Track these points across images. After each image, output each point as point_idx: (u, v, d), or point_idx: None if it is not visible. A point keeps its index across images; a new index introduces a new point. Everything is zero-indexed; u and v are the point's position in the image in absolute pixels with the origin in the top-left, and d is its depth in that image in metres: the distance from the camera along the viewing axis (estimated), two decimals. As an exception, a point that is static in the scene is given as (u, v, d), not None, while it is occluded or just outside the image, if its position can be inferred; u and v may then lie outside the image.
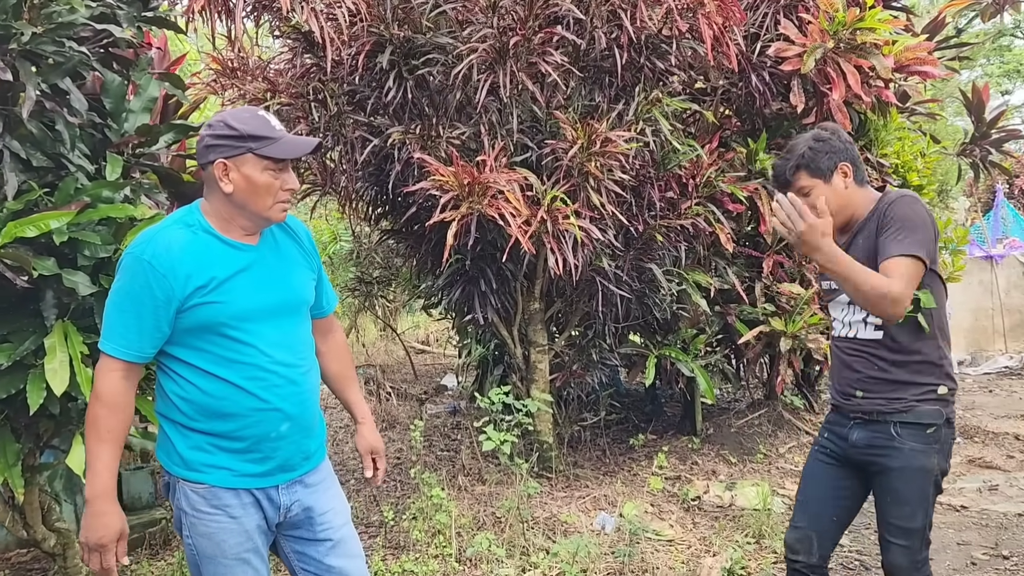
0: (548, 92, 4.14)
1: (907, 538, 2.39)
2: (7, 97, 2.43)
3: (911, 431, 2.36)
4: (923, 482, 2.37)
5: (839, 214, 2.40)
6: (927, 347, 2.38)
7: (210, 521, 2.02)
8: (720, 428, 5.85)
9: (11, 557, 4.21)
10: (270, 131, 1.97)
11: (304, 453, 2.14)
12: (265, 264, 2.07)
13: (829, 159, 2.39)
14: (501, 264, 4.46)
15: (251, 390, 1.99)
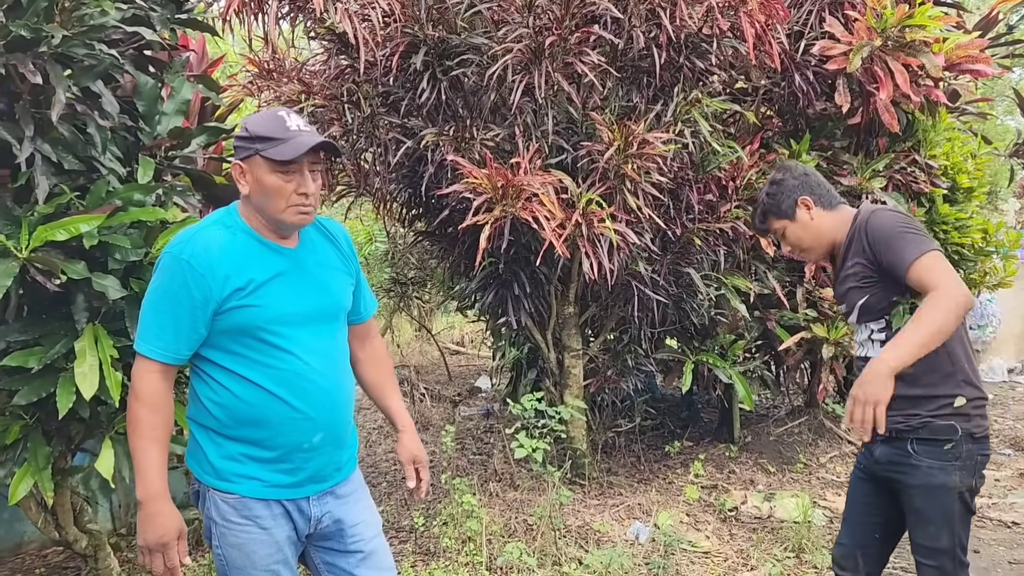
0: (584, 93, 4.06)
1: (935, 558, 2.33)
2: (39, 100, 2.42)
3: (927, 447, 2.31)
4: (945, 500, 2.31)
5: (818, 244, 2.53)
6: (935, 356, 2.28)
7: (240, 532, 1.99)
8: (759, 436, 5.72)
9: (48, 555, 4.25)
10: (281, 132, 1.90)
11: (336, 464, 2.10)
12: (303, 269, 2.04)
13: (788, 198, 2.51)
14: (535, 267, 4.39)
15: (285, 397, 1.96)
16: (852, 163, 5.04)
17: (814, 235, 2.51)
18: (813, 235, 2.51)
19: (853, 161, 5.05)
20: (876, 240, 2.31)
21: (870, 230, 2.34)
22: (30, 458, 2.64)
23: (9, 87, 2.37)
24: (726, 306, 4.99)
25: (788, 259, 5.24)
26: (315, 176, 1.97)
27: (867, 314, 2.43)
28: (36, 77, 2.21)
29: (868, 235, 2.34)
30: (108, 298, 2.57)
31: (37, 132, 2.41)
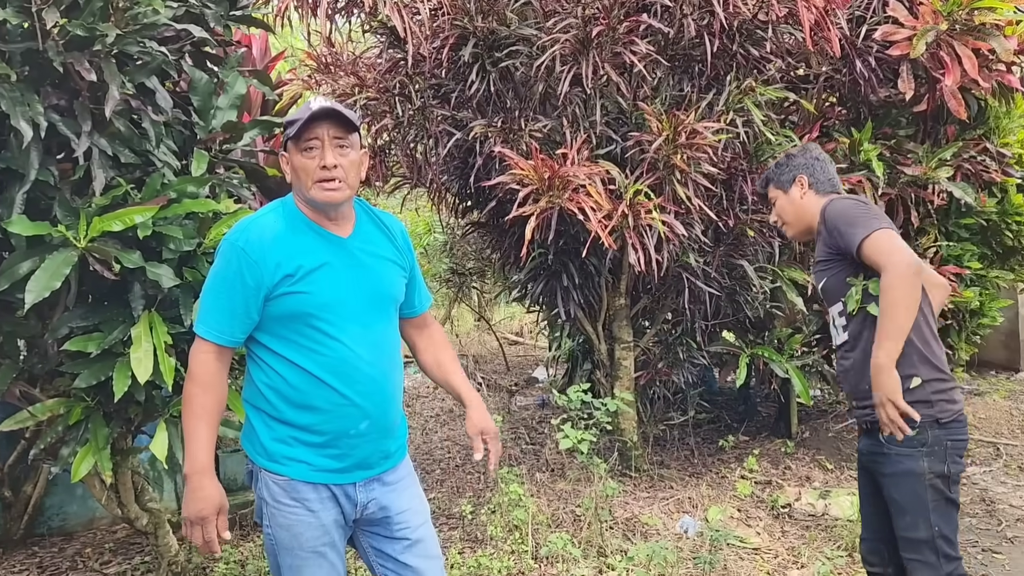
0: (634, 83, 4.03)
1: (917, 551, 2.33)
2: (96, 97, 2.53)
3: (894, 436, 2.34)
4: (914, 487, 2.32)
5: (798, 221, 2.67)
6: None
7: (289, 513, 2.04)
8: (817, 432, 5.60)
9: (117, 531, 4.46)
10: (302, 114, 1.96)
11: (383, 453, 2.13)
12: (354, 257, 2.07)
13: (789, 172, 2.69)
14: (584, 259, 4.38)
15: (332, 384, 2.00)
16: (917, 152, 4.87)
17: (797, 212, 2.66)
18: (796, 212, 2.66)
19: (918, 150, 4.88)
20: (831, 224, 2.43)
21: (827, 215, 2.47)
22: (91, 438, 2.77)
23: (68, 84, 2.49)
24: (783, 299, 4.90)
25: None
26: (343, 152, 2.00)
27: (828, 298, 2.55)
28: (91, 74, 2.32)
29: (826, 220, 2.47)
30: (162, 287, 2.67)
31: (95, 127, 2.52)
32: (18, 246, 2.48)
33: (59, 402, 2.76)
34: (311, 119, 1.95)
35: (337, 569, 2.10)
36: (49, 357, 2.78)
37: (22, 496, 4.27)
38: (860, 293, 2.38)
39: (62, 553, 4.17)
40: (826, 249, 2.50)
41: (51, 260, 2.41)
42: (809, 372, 5.31)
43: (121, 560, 4.04)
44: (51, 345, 2.73)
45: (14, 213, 2.42)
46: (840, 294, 2.46)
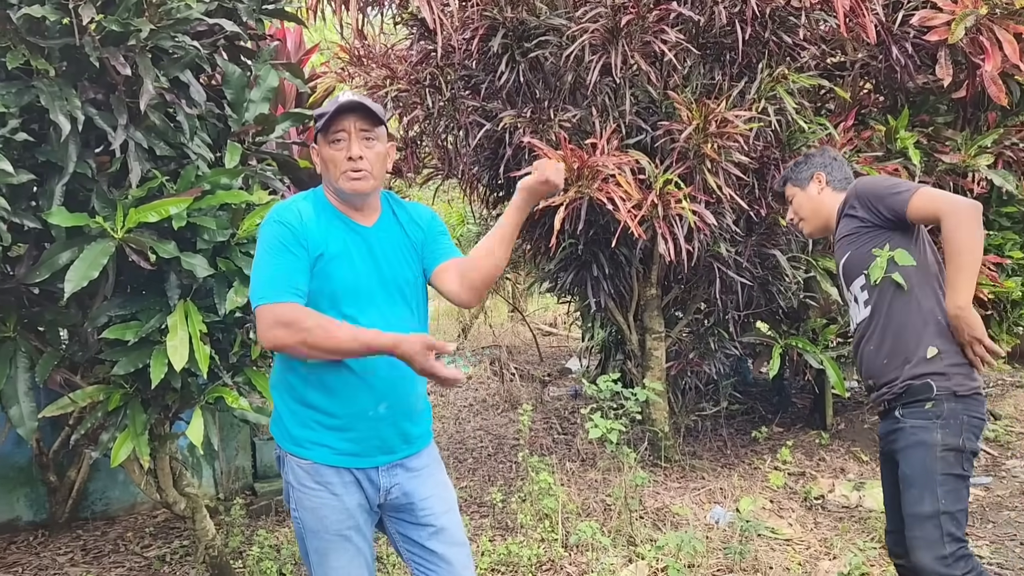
0: (664, 72, 4.01)
1: (920, 527, 2.29)
2: (132, 91, 2.59)
3: (911, 409, 2.38)
4: (924, 457, 2.31)
5: (815, 216, 2.76)
6: (910, 309, 2.42)
7: (314, 496, 2.09)
8: (852, 423, 5.54)
9: (158, 515, 4.58)
10: (331, 107, 2.02)
11: (404, 436, 2.16)
12: (374, 246, 2.12)
13: (808, 170, 2.77)
14: (614, 249, 4.38)
15: (353, 368, 2.04)
16: (956, 139, 4.77)
17: (815, 207, 2.74)
18: (814, 207, 2.74)
19: (957, 137, 4.78)
20: (869, 194, 2.48)
21: (859, 189, 2.53)
22: (129, 424, 2.84)
23: (105, 79, 2.55)
24: (817, 289, 4.85)
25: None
26: (369, 144, 2.05)
27: (849, 274, 2.56)
28: (126, 69, 2.38)
29: (859, 194, 2.51)
30: (196, 276, 2.73)
31: (131, 120, 2.58)
32: (58, 237, 2.55)
33: (99, 389, 2.84)
34: (338, 111, 2.01)
35: (363, 552, 2.14)
36: (89, 345, 2.86)
37: (66, 481, 4.40)
38: (886, 262, 2.42)
39: (105, 536, 4.29)
40: (856, 223, 2.52)
41: (89, 250, 2.48)
42: (844, 363, 5.25)
43: (161, 544, 4.14)
44: (91, 333, 2.81)
45: (54, 205, 2.49)
46: (864, 266, 2.49)
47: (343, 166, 2.03)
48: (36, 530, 4.34)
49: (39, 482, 4.37)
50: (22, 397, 2.69)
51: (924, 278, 2.44)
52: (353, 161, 2.02)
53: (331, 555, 2.10)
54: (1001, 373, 6.87)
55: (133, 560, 3.95)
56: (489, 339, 9.89)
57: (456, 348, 2.05)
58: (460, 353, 9.38)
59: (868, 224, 2.48)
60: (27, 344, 2.75)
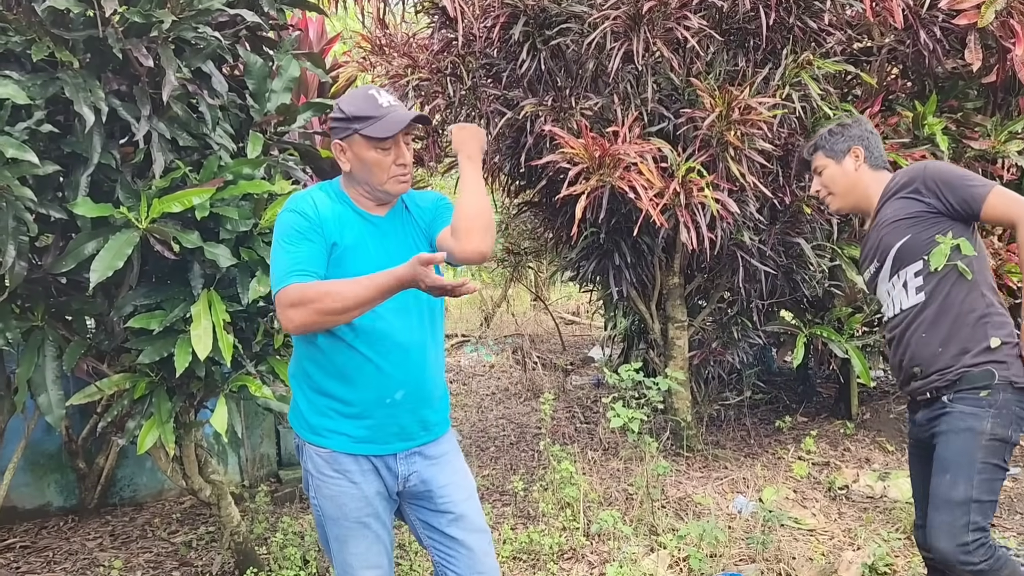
0: (687, 58, 3.97)
1: (948, 512, 2.25)
2: (155, 82, 2.61)
3: (963, 395, 2.32)
4: (969, 444, 2.25)
5: (848, 193, 2.61)
6: (971, 298, 2.36)
7: (332, 484, 2.11)
8: (878, 413, 5.48)
9: (184, 502, 4.64)
10: (375, 111, 2.02)
11: (422, 423, 2.17)
12: (389, 235, 2.14)
13: (844, 142, 2.60)
14: (637, 238, 4.36)
15: (365, 352, 2.05)
16: (985, 125, 4.69)
17: (849, 184, 2.59)
18: (848, 183, 2.59)
19: (987, 123, 4.70)
20: (939, 181, 2.37)
21: (931, 172, 2.40)
22: (155, 412, 2.88)
23: (128, 70, 2.57)
24: (842, 277, 4.80)
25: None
26: (409, 147, 2.11)
27: (903, 258, 2.44)
28: (149, 60, 2.39)
29: (929, 177, 2.40)
30: (220, 266, 2.75)
31: (154, 111, 2.60)
32: (83, 227, 2.58)
33: (125, 377, 2.88)
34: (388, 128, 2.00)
35: (382, 539, 2.16)
36: (115, 334, 2.90)
37: (95, 468, 4.48)
38: (949, 250, 2.34)
39: (133, 522, 4.36)
40: (919, 207, 2.40)
41: (114, 240, 2.51)
42: (870, 352, 5.20)
43: (187, 530, 4.20)
44: (116, 322, 2.84)
45: (79, 195, 2.51)
46: (923, 251, 2.39)
47: (393, 171, 2.07)
48: (66, 515, 4.42)
49: (69, 469, 4.44)
50: (50, 385, 2.73)
51: (983, 269, 2.39)
52: (402, 166, 2.08)
53: (350, 542, 2.12)
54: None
55: (160, 545, 4.02)
56: (512, 328, 9.90)
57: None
58: (482, 341, 9.40)
59: (933, 211, 2.38)
60: (55, 333, 2.79)
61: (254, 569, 3.44)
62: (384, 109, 2.03)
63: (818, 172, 2.68)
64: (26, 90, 2.36)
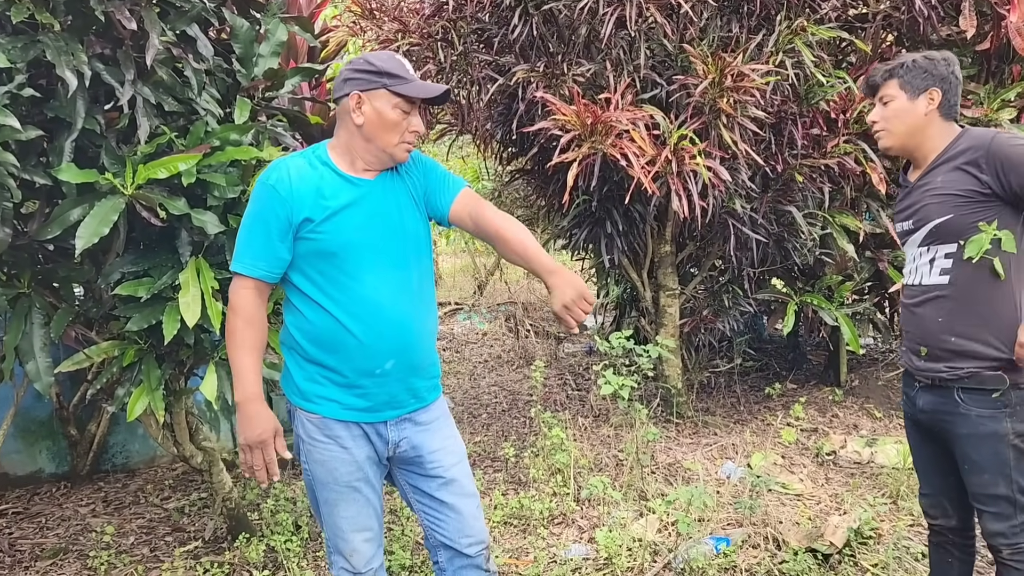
0: (680, 24, 3.93)
1: (995, 504, 2.23)
2: (139, 46, 2.57)
3: (974, 396, 2.20)
4: (996, 448, 2.20)
5: (907, 135, 2.31)
6: (997, 297, 2.18)
7: (323, 449, 2.12)
8: (867, 380, 5.52)
9: (176, 468, 4.66)
10: (405, 72, 2.04)
11: (412, 391, 2.17)
12: (376, 201, 2.09)
13: (924, 80, 2.29)
14: (629, 205, 4.34)
15: (350, 326, 2.04)
16: (979, 93, 4.67)
17: (912, 125, 2.31)
18: (910, 124, 2.31)
19: (980, 91, 4.67)
20: (1004, 160, 2.13)
21: (996, 146, 2.15)
22: (144, 379, 2.88)
23: (111, 33, 2.53)
24: (833, 246, 4.80)
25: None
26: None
27: (939, 236, 2.26)
28: (132, 23, 2.36)
29: (993, 153, 2.15)
30: (208, 233, 2.73)
31: (138, 76, 2.57)
32: (68, 193, 2.56)
33: (113, 344, 2.88)
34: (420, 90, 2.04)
35: (372, 503, 2.18)
36: (103, 301, 2.89)
37: (87, 435, 4.49)
38: (989, 242, 2.17)
39: (125, 488, 4.38)
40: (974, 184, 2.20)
41: (100, 207, 2.49)
42: (860, 320, 5.22)
43: (180, 496, 4.23)
44: (104, 290, 2.83)
45: (63, 161, 2.49)
46: (960, 235, 2.22)
47: (406, 136, 2.07)
48: (58, 482, 4.44)
49: (60, 436, 4.46)
50: (38, 352, 2.73)
51: (1019, 269, 2.21)
52: (414, 134, 2.07)
53: (340, 505, 2.14)
54: None
55: (153, 511, 4.04)
56: (505, 296, 9.91)
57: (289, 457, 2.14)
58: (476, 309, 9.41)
59: (987, 191, 2.17)
60: (42, 300, 2.78)
61: (246, 534, 3.46)
62: (411, 75, 2.06)
63: (883, 102, 2.36)
64: (6, 53, 2.32)
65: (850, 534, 3.29)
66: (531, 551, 3.35)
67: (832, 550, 3.21)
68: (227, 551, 3.47)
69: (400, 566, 3.18)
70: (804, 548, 3.22)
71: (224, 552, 3.47)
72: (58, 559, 3.54)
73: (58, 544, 3.69)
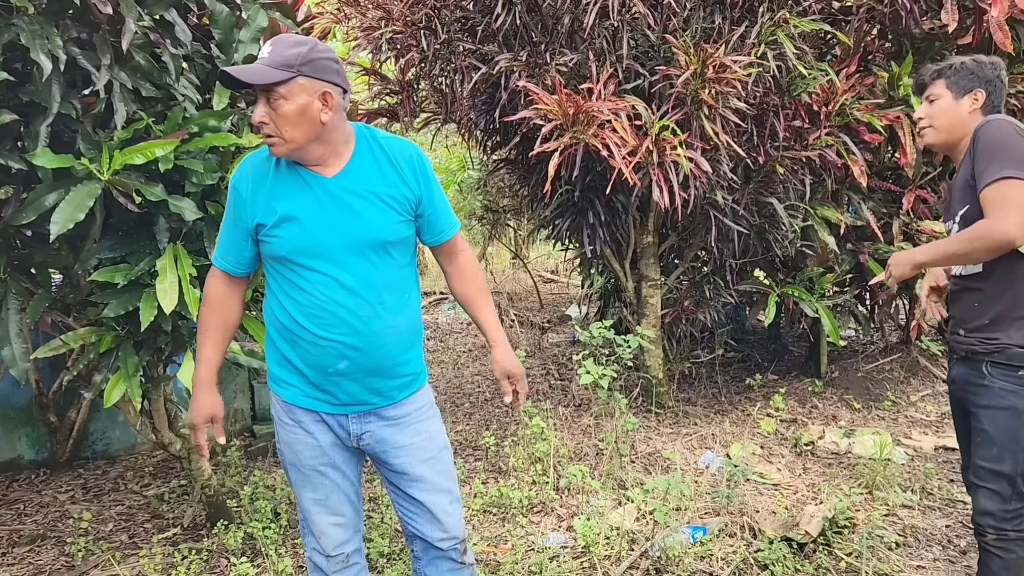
0: (663, 15, 3.93)
1: (995, 482, 2.30)
2: (116, 30, 2.55)
3: (1002, 371, 2.29)
4: (1012, 423, 2.27)
5: (948, 132, 2.42)
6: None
7: (290, 431, 2.14)
8: (846, 372, 5.56)
9: (157, 456, 4.65)
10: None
11: (374, 391, 2.09)
12: (335, 199, 1.99)
13: (970, 81, 2.40)
14: (611, 196, 4.35)
15: (306, 325, 2.01)
16: (960, 86, 4.69)
17: (953, 123, 2.41)
18: (952, 122, 2.41)
19: (961, 84, 4.69)
20: (979, 148, 2.25)
21: (979, 136, 2.26)
22: (121, 366, 2.87)
23: (88, 18, 2.51)
24: (814, 238, 4.83)
25: (885, 189, 5.00)
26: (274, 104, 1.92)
27: (965, 226, 2.32)
28: (107, 7, 2.34)
29: (976, 141, 2.27)
30: (185, 220, 2.72)
31: (115, 61, 2.55)
32: (44, 179, 2.54)
33: (90, 331, 2.86)
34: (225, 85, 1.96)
35: (342, 488, 2.17)
36: (80, 287, 2.88)
37: (67, 422, 4.47)
38: None
39: (105, 475, 4.37)
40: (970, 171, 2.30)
41: (75, 192, 2.47)
42: (841, 312, 5.26)
43: (160, 483, 4.22)
44: (81, 276, 2.82)
45: (39, 146, 2.47)
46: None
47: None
48: (38, 469, 4.42)
49: (40, 422, 4.44)
50: (14, 338, 2.71)
51: None
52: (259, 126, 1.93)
53: (307, 487, 2.16)
54: None
55: (132, 498, 4.03)
56: (490, 286, 9.90)
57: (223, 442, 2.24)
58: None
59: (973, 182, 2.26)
60: (18, 286, 2.76)
61: (224, 522, 3.47)
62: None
63: (930, 100, 2.47)
64: (-20, 36, 2.30)
65: (825, 523, 3.33)
66: (510, 539, 3.37)
67: (807, 539, 3.24)
68: (205, 538, 3.47)
69: (379, 553, 3.19)
70: (780, 537, 3.25)
71: (203, 539, 3.47)
72: (36, 545, 3.53)
73: (36, 530, 3.68)
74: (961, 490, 3.82)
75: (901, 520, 3.54)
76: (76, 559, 3.34)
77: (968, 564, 3.15)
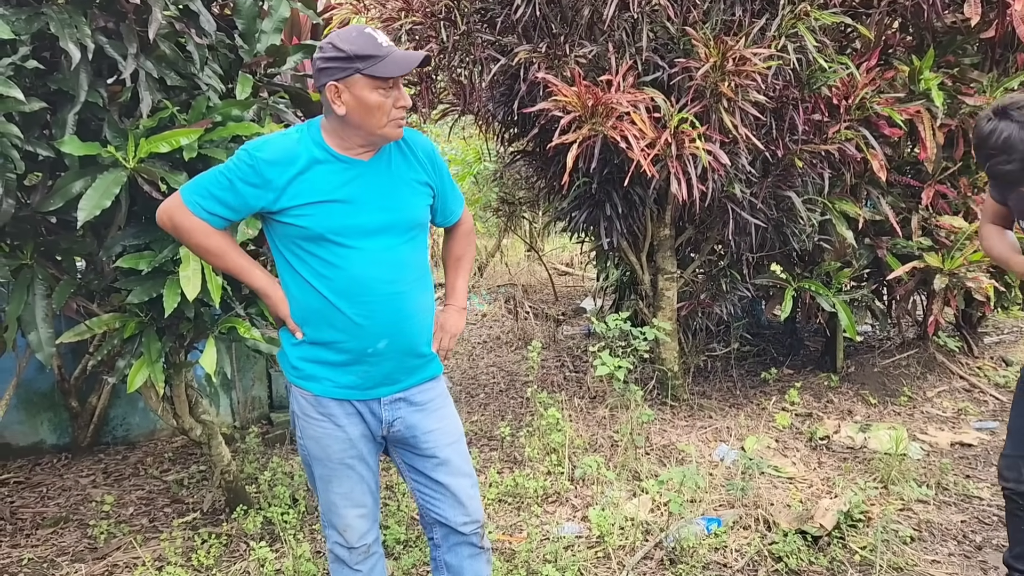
0: (683, 7, 3.92)
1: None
2: (143, 19, 2.58)
3: None
4: None
5: None
6: None
7: (317, 426, 2.15)
8: (863, 367, 5.55)
9: (176, 442, 4.71)
10: (377, 49, 1.92)
11: (407, 368, 2.16)
12: (372, 181, 2.05)
13: None
14: (628, 188, 4.35)
15: (342, 308, 2.04)
16: (982, 81, 4.66)
17: None
18: None
19: (983, 79, 4.67)
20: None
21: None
22: (144, 352, 2.91)
23: (115, 7, 2.54)
24: (832, 232, 4.81)
25: (904, 184, 4.98)
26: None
27: None
28: (134, -3, 2.37)
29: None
30: (208, 208, 2.75)
31: (141, 50, 2.58)
32: (71, 166, 2.58)
33: (114, 317, 2.91)
34: (397, 67, 1.93)
35: (366, 480, 2.20)
36: (104, 274, 2.92)
37: (88, 407, 4.53)
38: None
39: (125, 460, 4.43)
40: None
41: (102, 179, 2.51)
42: (858, 307, 5.25)
43: (179, 468, 4.28)
44: (106, 262, 2.86)
45: (66, 133, 2.51)
46: None
47: (393, 114, 1.97)
48: (59, 453, 4.49)
49: (62, 407, 4.50)
50: (40, 323, 2.76)
51: None
52: (402, 109, 1.98)
53: (335, 482, 2.17)
54: (1017, 320, 6.84)
55: (152, 483, 4.09)
56: (505, 277, 9.92)
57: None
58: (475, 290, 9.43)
59: None
60: (44, 272, 2.80)
61: (243, 507, 3.51)
62: (385, 48, 1.93)
63: None
64: (10, 25, 2.33)
65: (840, 517, 3.34)
66: (524, 528, 3.40)
67: (822, 532, 3.25)
68: (225, 523, 3.52)
69: (395, 540, 3.22)
70: (794, 530, 3.27)
71: (222, 524, 3.52)
72: (59, 527, 3.59)
73: (59, 513, 3.74)
74: (978, 486, 3.82)
75: (916, 515, 3.54)
76: (99, 541, 3.40)
77: (983, 560, 3.15)
